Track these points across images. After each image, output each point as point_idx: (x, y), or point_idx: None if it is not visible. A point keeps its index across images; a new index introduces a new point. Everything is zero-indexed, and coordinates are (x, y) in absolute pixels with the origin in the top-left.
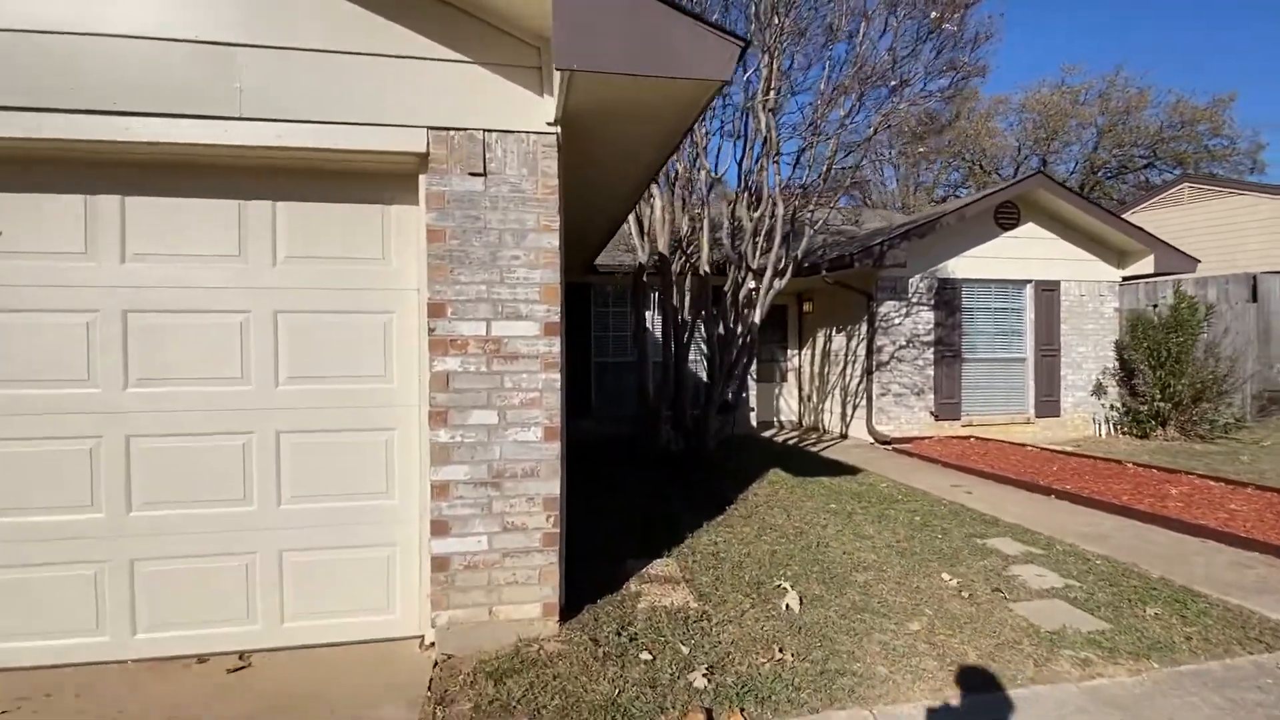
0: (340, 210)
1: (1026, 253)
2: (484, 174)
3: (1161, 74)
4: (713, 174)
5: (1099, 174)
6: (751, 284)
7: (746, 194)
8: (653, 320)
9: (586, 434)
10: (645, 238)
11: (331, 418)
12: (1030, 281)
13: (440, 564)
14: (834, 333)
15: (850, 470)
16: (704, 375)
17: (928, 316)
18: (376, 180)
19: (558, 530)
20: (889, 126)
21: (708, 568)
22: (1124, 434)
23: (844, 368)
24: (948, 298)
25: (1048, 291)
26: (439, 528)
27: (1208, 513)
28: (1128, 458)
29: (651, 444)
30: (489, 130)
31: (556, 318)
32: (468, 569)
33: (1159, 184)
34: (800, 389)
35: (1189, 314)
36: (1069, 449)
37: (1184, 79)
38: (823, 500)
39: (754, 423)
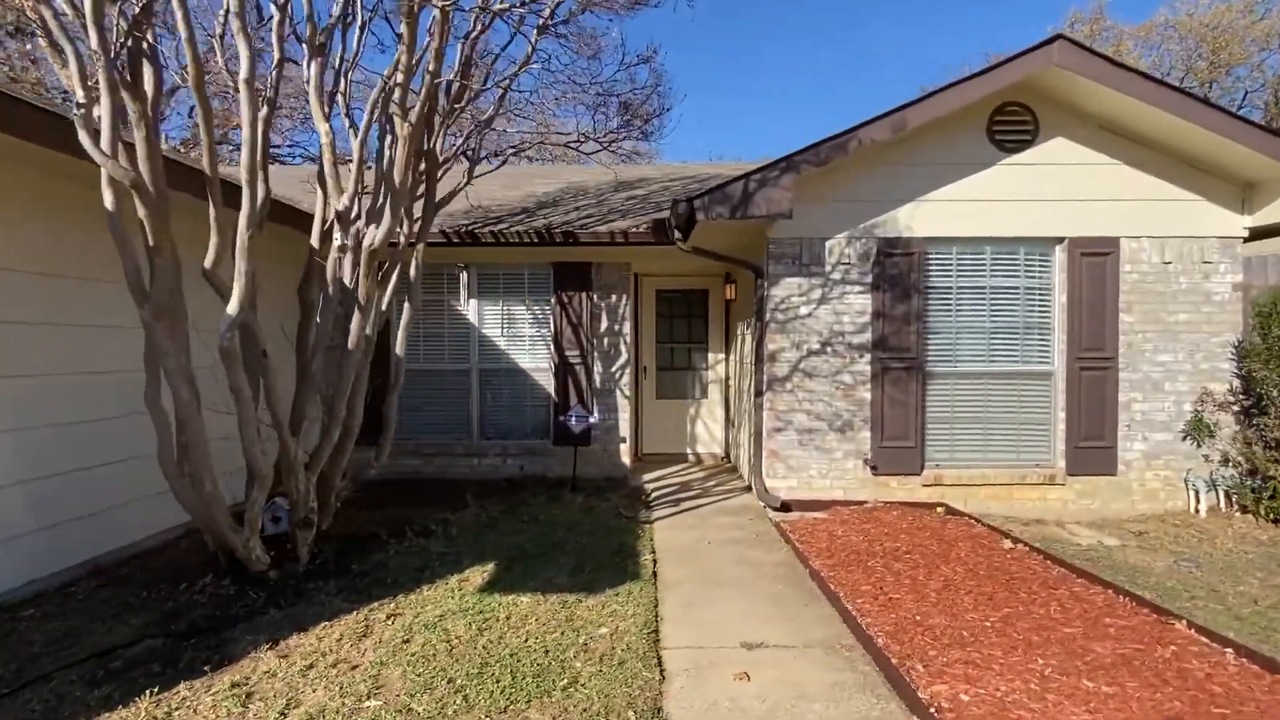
0: None
1: (1052, 190)
2: None
3: None
4: None
5: None
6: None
7: None
8: None
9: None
10: None
11: None
12: (1062, 240)
13: None
14: (745, 329)
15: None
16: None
17: (861, 302)
18: None
19: None
20: None
21: None
22: (1244, 511)
23: (748, 382)
24: (897, 271)
25: (1095, 256)
26: None
27: None
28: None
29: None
30: None
31: None
32: None
33: None
34: (726, 409)
35: None
36: (1134, 545)
37: None
38: None
39: (625, 458)
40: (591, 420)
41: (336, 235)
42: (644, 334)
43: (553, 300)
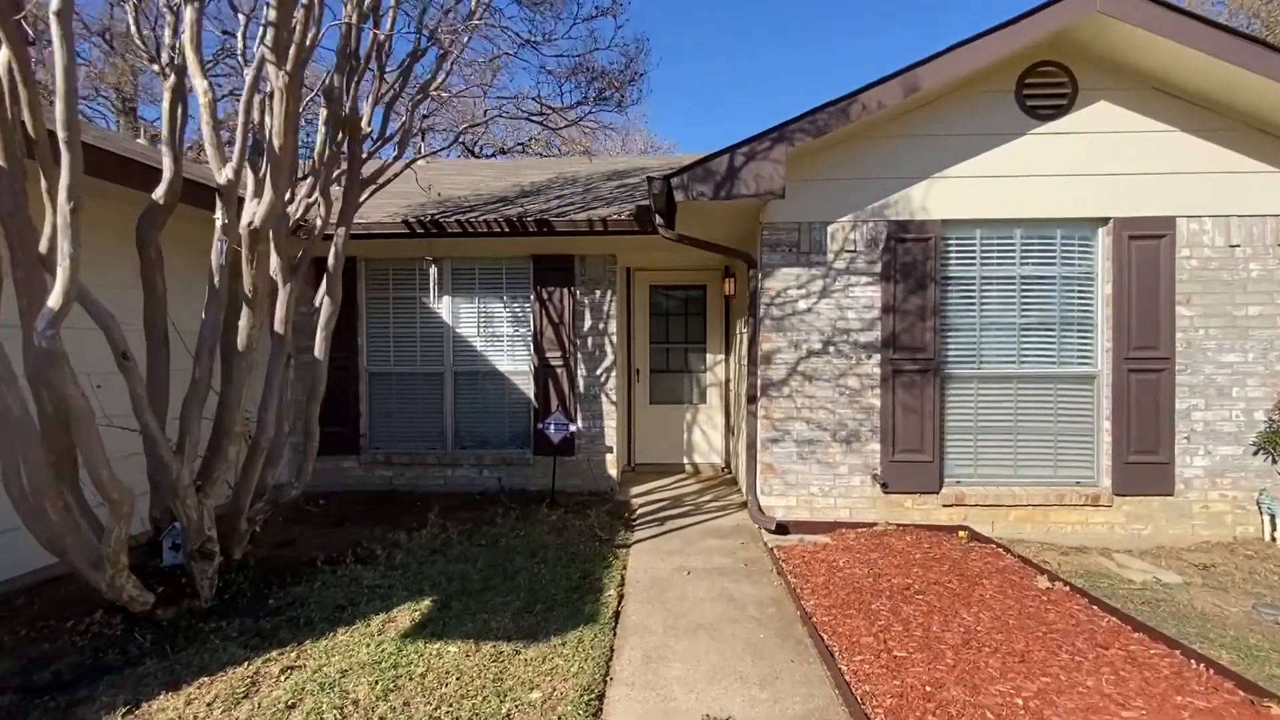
0: None
1: (1094, 163)
2: None
3: None
4: None
5: None
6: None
7: None
8: None
9: None
10: None
11: None
12: (1106, 221)
13: None
14: (744, 328)
15: None
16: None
17: (868, 295)
18: None
19: None
20: None
21: None
22: None
23: (745, 386)
24: (911, 258)
25: (1146, 239)
26: None
27: None
28: None
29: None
30: None
31: None
32: None
33: None
34: (726, 415)
35: None
36: (1199, 583)
37: None
38: None
39: (612, 469)
40: (573, 428)
41: (218, 213)
42: (636, 333)
43: (533, 297)
